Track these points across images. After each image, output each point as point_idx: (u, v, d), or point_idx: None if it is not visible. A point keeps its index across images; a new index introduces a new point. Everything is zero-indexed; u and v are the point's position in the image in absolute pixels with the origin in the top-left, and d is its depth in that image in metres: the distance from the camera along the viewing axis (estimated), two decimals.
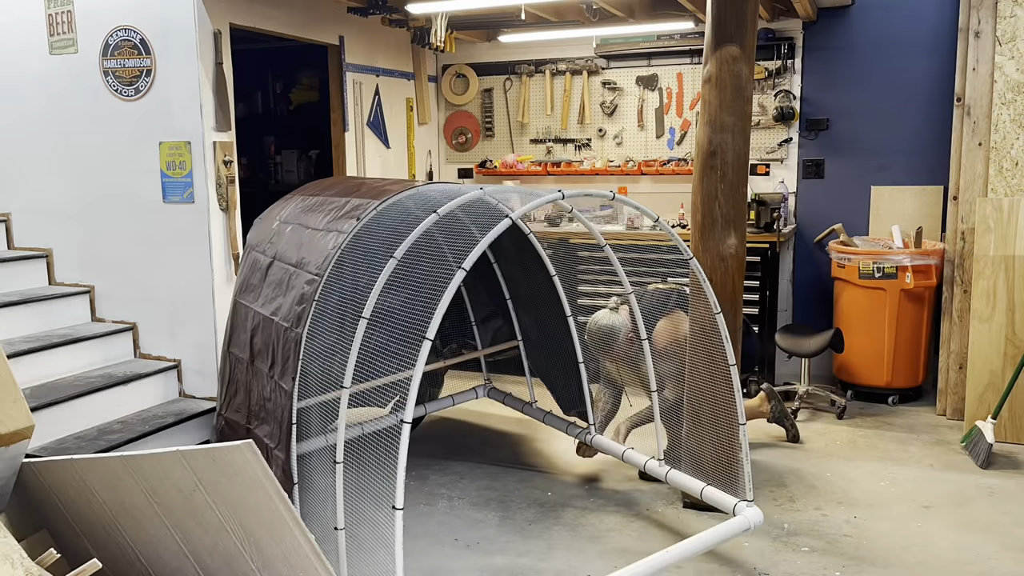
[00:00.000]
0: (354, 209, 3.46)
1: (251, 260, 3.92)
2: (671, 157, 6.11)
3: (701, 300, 3.65)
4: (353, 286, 3.19)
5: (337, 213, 3.53)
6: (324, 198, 3.78)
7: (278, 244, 3.75)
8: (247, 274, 3.89)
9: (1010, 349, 4.52)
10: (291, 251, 3.60)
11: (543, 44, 6.24)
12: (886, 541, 3.54)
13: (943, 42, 5.30)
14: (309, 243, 3.50)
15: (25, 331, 4.38)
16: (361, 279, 3.14)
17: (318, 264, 3.33)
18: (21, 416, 2.59)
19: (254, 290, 3.76)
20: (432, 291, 2.74)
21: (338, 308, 3.24)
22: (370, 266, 3.11)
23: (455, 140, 6.74)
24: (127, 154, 4.48)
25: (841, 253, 5.26)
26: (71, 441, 3.92)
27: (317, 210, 3.70)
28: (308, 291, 3.31)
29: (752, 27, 3.65)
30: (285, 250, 3.66)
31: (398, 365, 2.89)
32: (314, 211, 3.72)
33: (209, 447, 2.26)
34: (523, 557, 3.46)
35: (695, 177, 3.77)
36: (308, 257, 3.44)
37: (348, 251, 3.29)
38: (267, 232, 3.92)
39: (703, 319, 3.69)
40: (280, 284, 3.56)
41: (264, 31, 4.78)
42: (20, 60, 4.65)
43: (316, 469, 3.30)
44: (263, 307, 3.62)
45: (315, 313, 3.25)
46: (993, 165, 4.73)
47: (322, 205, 3.71)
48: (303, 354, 3.22)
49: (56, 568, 2.43)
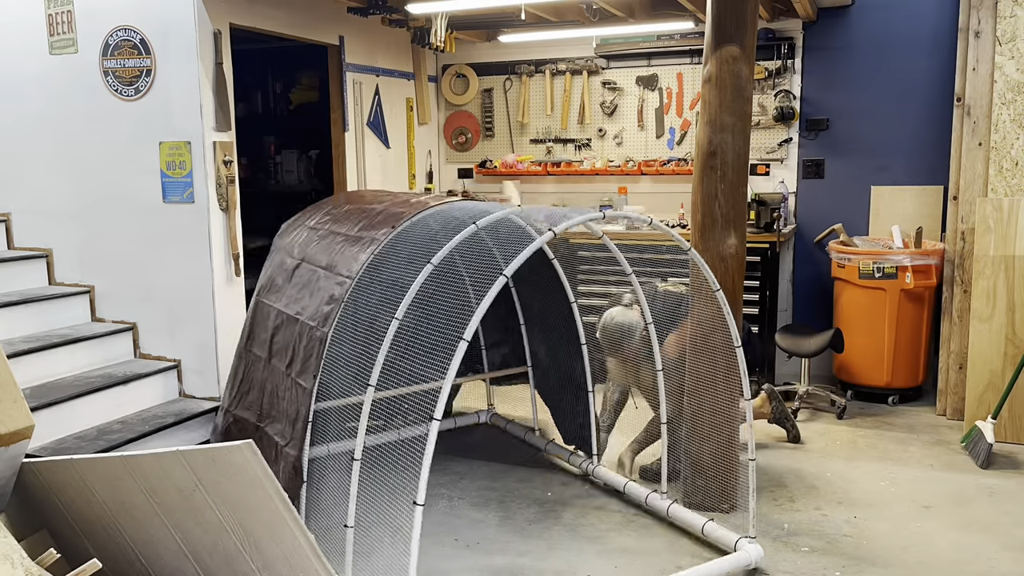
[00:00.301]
0: (389, 218, 3.55)
1: (277, 261, 3.99)
2: (671, 157, 6.11)
3: (702, 298, 3.66)
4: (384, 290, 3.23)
5: (371, 221, 3.61)
6: (356, 207, 3.88)
7: (307, 248, 3.84)
8: (272, 274, 3.95)
9: (1010, 349, 4.52)
10: (321, 255, 3.69)
11: (543, 44, 6.24)
12: (886, 541, 3.54)
13: (943, 42, 5.30)
14: (341, 248, 3.59)
15: (25, 331, 4.38)
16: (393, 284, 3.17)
17: (349, 268, 3.41)
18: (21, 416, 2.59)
19: (278, 290, 3.83)
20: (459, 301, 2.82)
21: (367, 311, 3.26)
22: (404, 271, 3.14)
23: (455, 140, 6.74)
24: (127, 154, 4.48)
25: (841, 253, 5.26)
26: (71, 441, 3.92)
27: (348, 218, 3.79)
28: (338, 292, 3.38)
29: (752, 27, 3.65)
30: (315, 254, 3.74)
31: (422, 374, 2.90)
32: (345, 219, 3.81)
33: (209, 447, 2.26)
34: (523, 557, 3.46)
35: (695, 177, 3.77)
36: (339, 260, 3.52)
37: (379, 257, 3.36)
38: (296, 236, 4.00)
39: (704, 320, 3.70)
40: (307, 285, 3.63)
41: (264, 31, 4.78)
42: (20, 60, 4.65)
43: (330, 467, 3.32)
44: (287, 307, 3.69)
45: (342, 315, 3.29)
46: (993, 165, 4.73)
47: (354, 214, 3.80)
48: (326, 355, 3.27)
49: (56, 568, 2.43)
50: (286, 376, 3.51)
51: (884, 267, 5.06)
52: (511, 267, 2.75)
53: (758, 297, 5.37)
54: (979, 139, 4.83)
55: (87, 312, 4.69)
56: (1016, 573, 3.28)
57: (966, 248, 4.86)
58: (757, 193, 5.46)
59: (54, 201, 4.71)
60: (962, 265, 4.89)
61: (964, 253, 4.88)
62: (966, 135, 4.88)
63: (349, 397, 3.23)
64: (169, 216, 4.43)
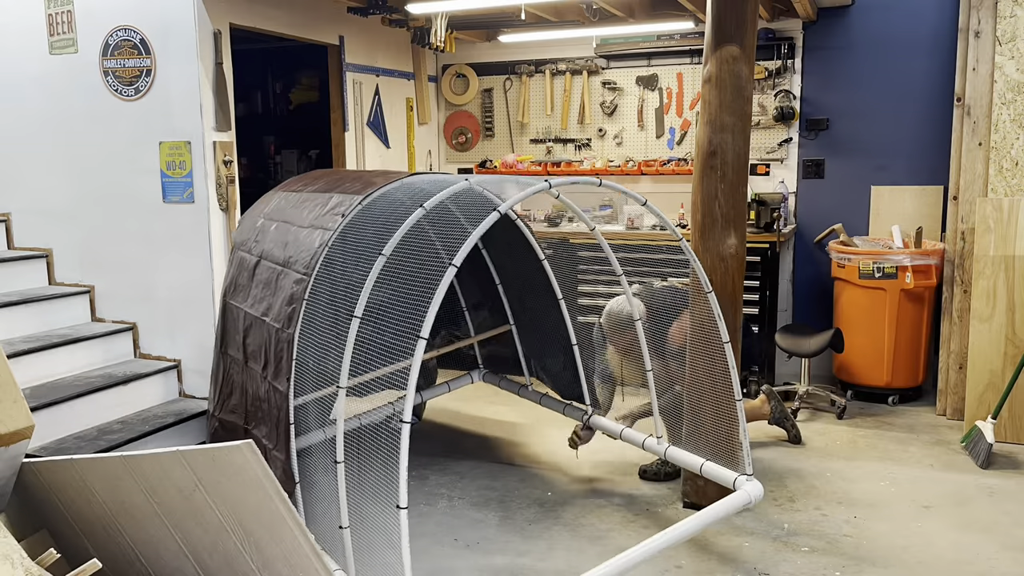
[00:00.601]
0: (338, 205, 3.41)
1: (238, 259, 3.87)
2: (671, 157, 6.11)
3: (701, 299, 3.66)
4: (343, 284, 3.17)
5: (322, 209, 3.47)
6: (308, 193, 3.72)
7: (263, 242, 3.70)
8: (235, 274, 3.84)
9: (1010, 349, 4.52)
10: (277, 250, 3.55)
11: (543, 44, 6.24)
12: (886, 541, 3.54)
13: (943, 42, 5.30)
14: (295, 241, 3.45)
15: (25, 331, 4.38)
16: (351, 276, 3.11)
17: (305, 263, 3.29)
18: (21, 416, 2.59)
19: (243, 291, 3.72)
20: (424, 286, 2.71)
21: (329, 306, 3.21)
22: (359, 263, 3.08)
23: (455, 140, 6.74)
24: (127, 154, 4.48)
25: (841, 253, 5.26)
26: (71, 441, 3.92)
27: (301, 206, 3.65)
28: (297, 291, 3.26)
29: (752, 27, 3.65)
30: (271, 249, 3.61)
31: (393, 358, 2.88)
32: (298, 207, 3.66)
33: (209, 447, 2.26)
34: (523, 557, 3.46)
35: (695, 177, 3.77)
36: (295, 256, 3.39)
37: (336, 247, 3.25)
38: (252, 230, 3.86)
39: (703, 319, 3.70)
40: (268, 284, 3.52)
41: (264, 31, 4.78)
42: (20, 60, 4.65)
43: (318, 468, 3.30)
44: (253, 308, 3.59)
45: (306, 312, 3.22)
46: (993, 165, 4.73)
47: (306, 201, 3.66)
48: (296, 353, 3.21)
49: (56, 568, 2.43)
50: (263, 379, 3.45)
51: (884, 267, 5.06)
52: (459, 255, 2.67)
53: (758, 297, 5.37)
54: (979, 139, 4.83)
55: (87, 312, 4.69)
56: (1016, 573, 3.28)
57: (966, 248, 4.86)
58: (757, 193, 5.46)
59: (54, 201, 4.71)
60: (962, 265, 4.89)
61: (964, 253, 4.88)
62: (966, 135, 4.88)
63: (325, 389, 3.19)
64: (169, 216, 4.43)
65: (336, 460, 2.91)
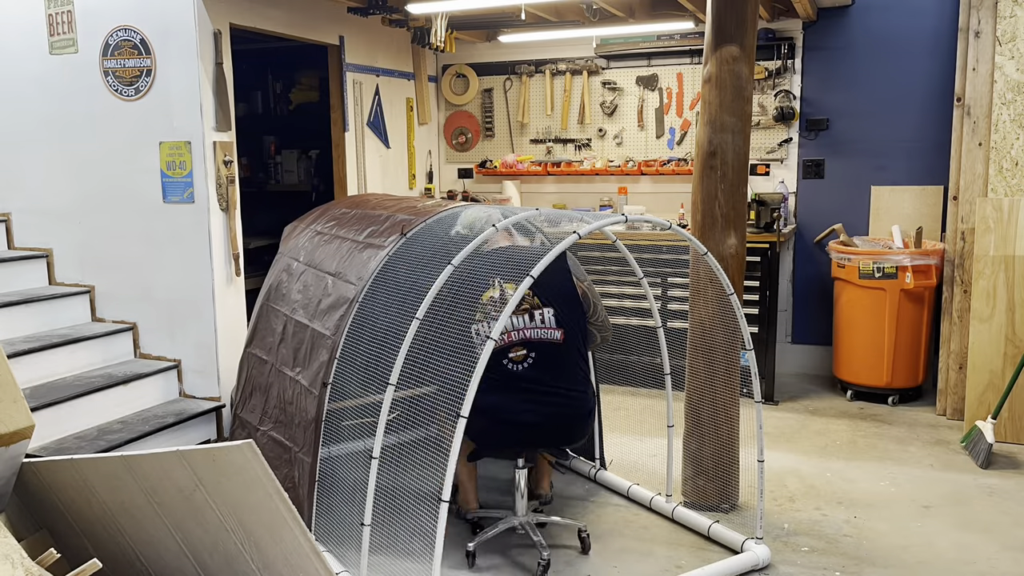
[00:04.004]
0: (396, 225, 3.54)
1: (283, 265, 3.99)
2: (671, 157, 6.11)
3: (701, 299, 3.66)
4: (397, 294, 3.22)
5: (379, 227, 3.61)
6: (363, 211, 3.87)
7: (313, 253, 3.83)
8: (278, 279, 3.95)
9: (1010, 349, 4.52)
10: (328, 261, 3.68)
11: (543, 44, 6.24)
12: (886, 541, 3.54)
13: (943, 42, 5.30)
14: (348, 254, 3.59)
15: (25, 331, 4.38)
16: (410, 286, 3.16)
17: (359, 274, 3.41)
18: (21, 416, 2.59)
19: (285, 295, 3.83)
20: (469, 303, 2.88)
21: (380, 315, 3.25)
22: (420, 274, 3.13)
23: (455, 140, 6.74)
24: (127, 154, 4.48)
25: (841, 253, 5.25)
26: (71, 441, 3.92)
27: (355, 223, 3.79)
28: (348, 298, 3.37)
29: (752, 27, 3.65)
30: (322, 259, 3.74)
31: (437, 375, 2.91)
32: (351, 224, 3.80)
33: (209, 447, 2.25)
34: (523, 556, 3.46)
35: (695, 177, 3.77)
36: (347, 267, 3.52)
37: (390, 264, 3.37)
38: (300, 240, 3.99)
39: (703, 319, 3.70)
40: (316, 291, 3.62)
41: (264, 31, 4.78)
42: (20, 60, 4.65)
43: (343, 465, 3.31)
44: (294, 312, 3.69)
45: (353, 320, 3.29)
46: (993, 165, 4.73)
47: (360, 219, 3.79)
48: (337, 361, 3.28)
49: (56, 568, 2.43)
50: (295, 382, 3.52)
51: (884, 267, 5.06)
52: (538, 267, 2.81)
53: (758, 297, 5.36)
54: (979, 139, 4.83)
55: (87, 312, 4.69)
56: (1016, 573, 3.28)
57: (966, 248, 4.86)
58: (757, 193, 5.46)
59: (54, 201, 4.71)
60: (962, 265, 4.89)
61: (964, 253, 4.88)
62: (966, 135, 4.88)
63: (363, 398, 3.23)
64: (169, 216, 4.43)
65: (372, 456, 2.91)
